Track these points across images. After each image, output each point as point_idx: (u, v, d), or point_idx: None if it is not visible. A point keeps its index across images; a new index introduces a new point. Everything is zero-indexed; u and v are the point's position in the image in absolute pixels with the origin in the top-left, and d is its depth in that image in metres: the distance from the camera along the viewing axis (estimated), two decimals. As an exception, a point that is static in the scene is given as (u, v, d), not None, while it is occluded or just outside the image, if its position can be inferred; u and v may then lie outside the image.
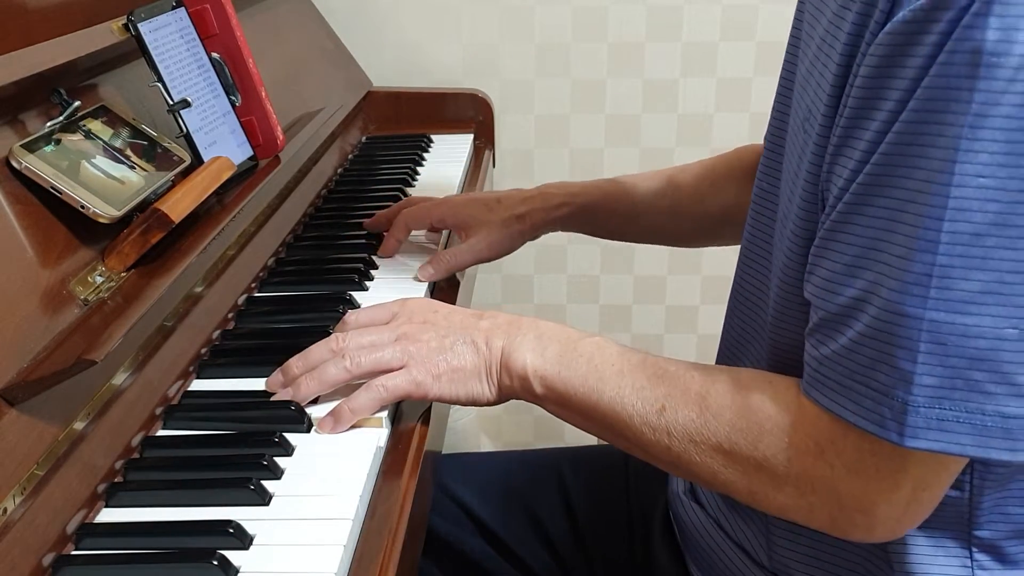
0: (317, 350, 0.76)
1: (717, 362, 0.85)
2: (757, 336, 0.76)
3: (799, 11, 0.73)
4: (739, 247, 0.80)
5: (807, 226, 0.64)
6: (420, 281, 0.97)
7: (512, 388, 0.74)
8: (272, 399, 0.75)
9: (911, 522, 0.62)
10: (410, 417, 0.77)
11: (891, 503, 0.60)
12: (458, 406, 0.79)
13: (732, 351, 0.81)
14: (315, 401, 0.75)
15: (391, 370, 0.73)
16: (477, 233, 1.00)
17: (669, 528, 0.88)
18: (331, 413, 0.73)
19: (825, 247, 0.60)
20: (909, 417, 0.55)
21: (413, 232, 1.06)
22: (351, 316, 0.81)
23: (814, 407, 0.61)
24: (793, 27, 0.73)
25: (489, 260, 1.02)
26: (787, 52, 0.74)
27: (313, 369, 0.75)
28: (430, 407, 0.78)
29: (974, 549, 0.65)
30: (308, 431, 0.73)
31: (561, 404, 0.73)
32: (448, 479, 0.97)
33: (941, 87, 0.52)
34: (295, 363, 0.76)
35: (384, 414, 0.74)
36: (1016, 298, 0.52)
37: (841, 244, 0.58)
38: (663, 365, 0.70)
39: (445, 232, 1.09)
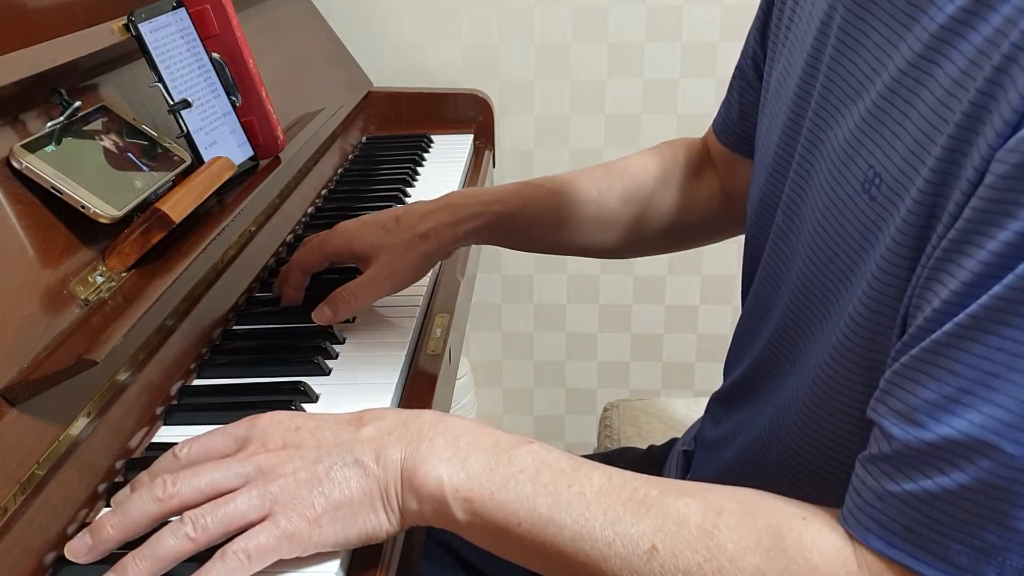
0: (136, 501, 0.57)
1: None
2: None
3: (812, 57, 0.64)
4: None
5: (874, 317, 0.55)
6: (318, 322, 0.84)
7: (421, 513, 0.58)
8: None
9: None
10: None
11: None
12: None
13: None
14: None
15: (250, 524, 0.55)
16: (376, 261, 0.85)
17: None
18: None
19: (916, 369, 0.49)
20: None
21: None
22: (181, 450, 0.60)
23: (876, 555, 0.50)
24: (808, 63, 0.65)
25: (395, 291, 0.86)
26: (799, 87, 0.66)
27: (130, 526, 0.56)
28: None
29: None
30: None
31: (495, 534, 0.57)
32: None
33: None
34: (109, 522, 0.57)
35: None
36: None
37: (941, 371, 0.48)
38: (638, 486, 0.55)
39: None
